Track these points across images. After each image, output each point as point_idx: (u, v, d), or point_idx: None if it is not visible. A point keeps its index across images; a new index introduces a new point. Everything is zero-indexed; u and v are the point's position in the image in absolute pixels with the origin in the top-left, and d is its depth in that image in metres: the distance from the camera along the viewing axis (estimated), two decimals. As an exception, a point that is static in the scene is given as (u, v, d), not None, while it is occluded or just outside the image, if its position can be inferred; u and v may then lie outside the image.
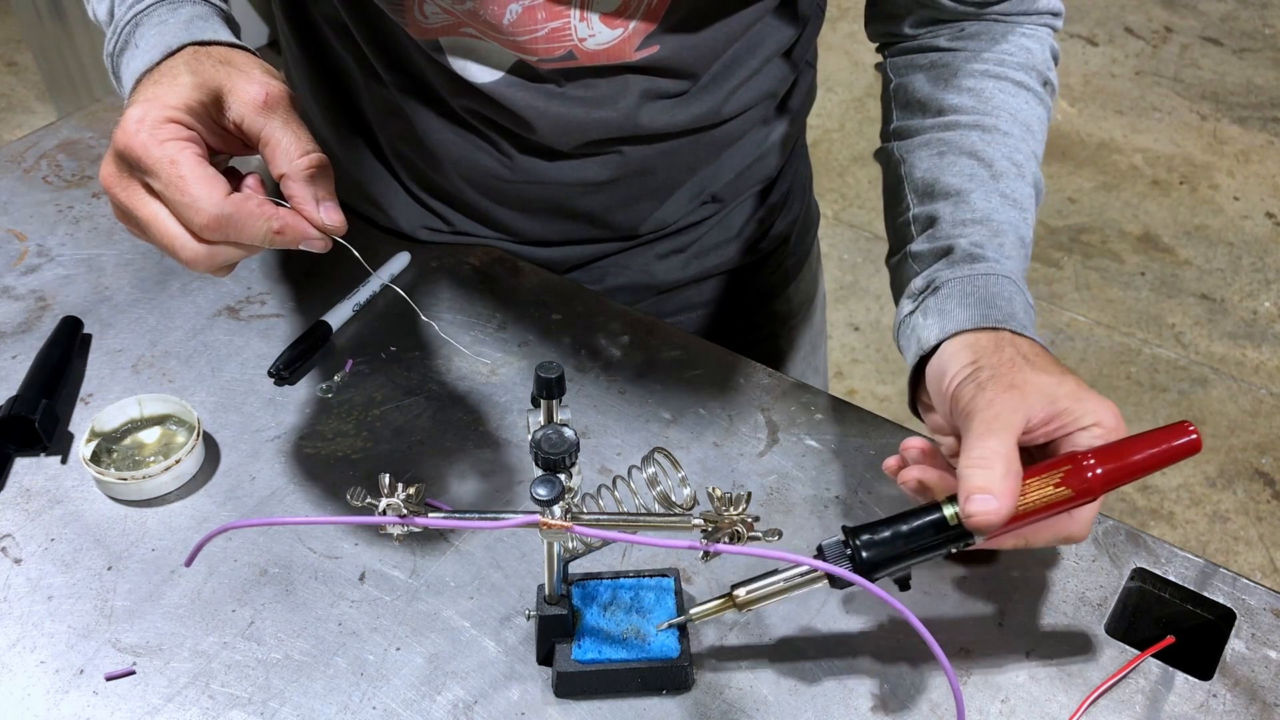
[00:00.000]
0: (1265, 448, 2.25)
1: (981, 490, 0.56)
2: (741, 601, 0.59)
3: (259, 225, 0.58)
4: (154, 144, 0.57)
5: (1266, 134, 3.13)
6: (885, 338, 2.48)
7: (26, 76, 3.19)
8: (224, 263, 0.60)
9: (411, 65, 0.82)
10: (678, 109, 0.82)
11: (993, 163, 0.73)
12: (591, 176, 0.86)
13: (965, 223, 0.71)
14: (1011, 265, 0.69)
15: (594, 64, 0.77)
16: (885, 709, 0.63)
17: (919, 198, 0.75)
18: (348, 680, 0.63)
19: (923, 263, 0.72)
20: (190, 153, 0.58)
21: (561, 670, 0.62)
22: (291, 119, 0.60)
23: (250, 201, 0.58)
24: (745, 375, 0.84)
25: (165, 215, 0.58)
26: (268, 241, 0.59)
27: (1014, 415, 0.59)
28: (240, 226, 0.57)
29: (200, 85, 0.59)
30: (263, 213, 0.58)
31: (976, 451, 0.58)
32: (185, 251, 0.58)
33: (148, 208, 0.58)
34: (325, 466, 0.76)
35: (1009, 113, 0.76)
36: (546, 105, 0.79)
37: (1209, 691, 0.64)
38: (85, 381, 0.82)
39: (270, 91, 0.59)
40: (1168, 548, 0.72)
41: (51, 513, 0.73)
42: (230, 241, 0.58)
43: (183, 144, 0.58)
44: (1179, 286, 2.64)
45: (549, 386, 0.58)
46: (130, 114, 0.58)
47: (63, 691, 0.63)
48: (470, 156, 0.86)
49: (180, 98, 0.59)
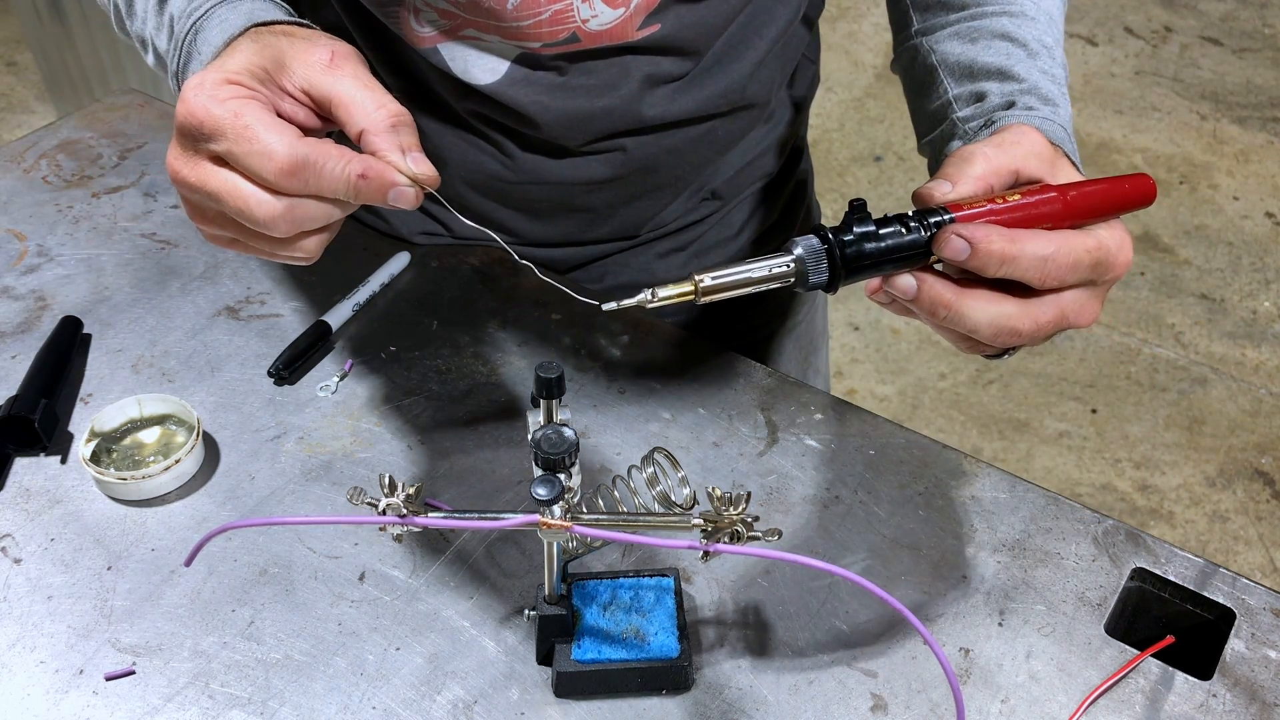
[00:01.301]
0: (1265, 447, 2.25)
1: (943, 178, 0.55)
2: (704, 289, 0.53)
3: (339, 169, 0.53)
4: (215, 103, 0.53)
5: (1266, 134, 3.13)
6: (885, 338, 2.48)
7: (26, 76, 3.19)
8: (307, 222, 0.55)
9: (415, 70, 0.82)
10: (680, 94, 0.82)
11: (1027, 43, 0.72)
12: (595, 174, 0.86)
13: (1016, 92, 0.69)
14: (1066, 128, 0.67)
15: (596, 45, 0.76)
16: (885, 709, 0.63)
17: (957, 80, 0.73)
18: (348, 680, 0.63)
19: (974, 122, 0.70)
20: (256, 104, 0.54)
21: (561, 670, 0.62)
22: (363, 74, 0.56)
23: (328, 145, 0.54)
24: (745, 375, 0.84)
25: (237, 178, 0.53)
26: (352, 191, 0.54)
27: (1015, 149, 0.58)
28: (319, 170, 0.53)
29: (261, 51, 0.56)
30: (343, 155, 0.53)
31: (958, 156, 0.57)
32: (263, 208, 0.53)
33: (218, 177, 0.54)
34: (325, 466, 0.76)
35: (1032, 1, 0.75)
36: (550, 99, 0.79)
37: (1209, 691, 0.64)
38: (85, 381, 0.82)
39: (337, 50, 0.56)
40: (1167, 547, 0.72)
41: (51, 513, 0.73)
42: (311, 193, 0.54)
43: (245, 100, 0.54)
44: (1179, 286, 2.64)
45: (549, 386, 0.58)
46: (188, 84, 0.54)
47: (63, 691, 0.63)
48: (473, 159, 0.86)
49: (240, 64, 0.55)
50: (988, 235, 0.52)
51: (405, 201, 0.55)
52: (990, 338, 0.55)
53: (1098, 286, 0.57)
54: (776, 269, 0.53)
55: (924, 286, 0.54)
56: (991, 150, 0.58)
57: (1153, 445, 2.26)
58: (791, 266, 0.53)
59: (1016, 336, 0.55)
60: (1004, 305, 0.55)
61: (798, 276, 0.53)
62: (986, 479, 0.76)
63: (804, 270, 0.53)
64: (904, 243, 0.53)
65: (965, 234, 0.52)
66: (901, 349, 2.46)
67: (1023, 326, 0.55)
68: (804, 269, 0.53)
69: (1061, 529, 0.73)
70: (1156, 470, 2.21)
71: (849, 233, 0.53)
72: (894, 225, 0.54)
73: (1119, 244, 0.56)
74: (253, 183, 0.53)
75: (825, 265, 0.53)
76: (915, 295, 0.54)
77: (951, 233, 0.53)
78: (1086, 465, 2.21)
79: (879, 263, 0.54)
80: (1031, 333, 0.55)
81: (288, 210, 0.54)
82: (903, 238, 0.53)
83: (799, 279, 0.53)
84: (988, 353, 0.61)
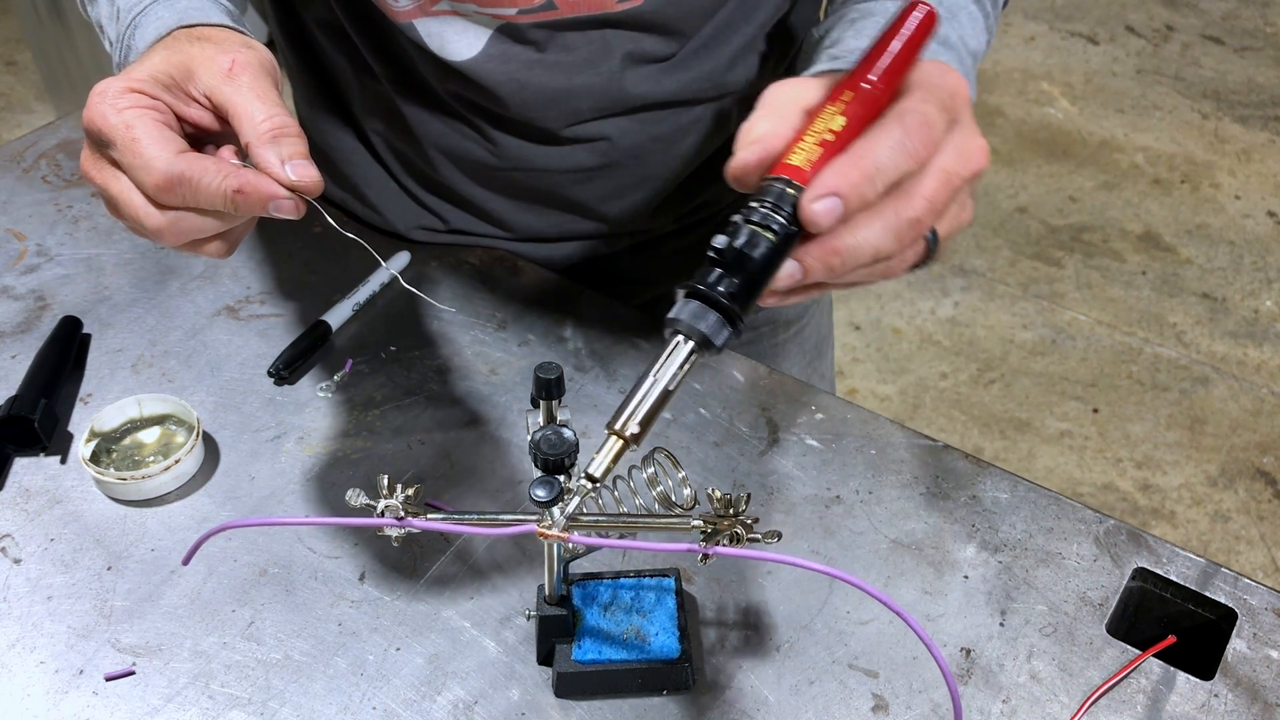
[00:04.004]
0: (1267, 447, 2.25)
1: (747, 138, 0.50)
2: (634, 435, 0.48)
3: (215, 183, 0.53)
4: (112, 112, 0.54)
5: (1268, 133, 3.13)
6: (886, 337, 2.48)
7: (26, 76, 3.19)
8: (193, 232, 0.55)
9: (402, 55, 0.82)
10: (665, 75, 0.81)
11: None
12: (581, 162, 0.85)
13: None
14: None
15: (575, 15, 0.76)
16: (886, 709, 0.63)
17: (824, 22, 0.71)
18: (348, 680, 0.63)
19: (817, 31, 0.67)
20: (149, 117, 0.54)
21: (561, 670, 0.62)
22: (258, 85, 0.56)
23: (205, 160, 0.54)
24: (745, 375, 0.84)
25: (130, 188, 0.55)
26: (229, 204, 0.54)
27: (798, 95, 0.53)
28: (195, 186, 0.53)
29: (169, 59, 0.57)
30: (220, 170, 0.53)
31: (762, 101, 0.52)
32: (149, 220, 0.54)
33: (117, 183, 0.55)
34: (325, 466, 0.76)
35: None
36: (526, 77, 0.78)
37: (1210, 691, 0.64)
38: (85, 381, 0.82)
39: (239, 59, 0.56)
40: (1169, 547, 0.72)
41: (51, 513, 0.73)
42: (190, 207, 0.54)
43: (141, 110, 0.54)
44: (1180, 285, 2.63)
45: (548, 387, 0.58)
46: (95, 89, 0.55)
47: (62, 692, 0.63)
48: (457, 144, 0.86)
49: (146, 70, 0.56)
50: (844, 174, 0.48)
51: (285, 212, 0.55)
52: (897, 246, 0.50)
53: (959, 123, 0.52)
54: (681, 361, 0.48)
55: (806, 259, 0.49)
56: (779, 85, 0.53)
57: (1154, 445, 2.25)
58: (690, 346, 0.48)
59: (919, 225, 0.50)
60: (884, 207, 0.50)
61: (702, 347, 0.48)
62: (988, 479, 0.76)
63: (704, 339, 0.48)
64: (775, 244, 0.48)
65: (825, 192, 0.47)
66: (903, 348, 2.46)
67: (917, 211, 0.50)
68: (702, 338, 0.48)
69: (1063, 529, 0.73)
70: (1158, 470, 2.21)
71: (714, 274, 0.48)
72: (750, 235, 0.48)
73: (936, 75, 0.52)
74: (141, 195, 0.54)
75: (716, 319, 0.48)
76: (805, 272, 0.50)
77: (812, 201, 0.47)
78: (1088, 465, 2.21)
79: (762, 277, 0.48)
80: (930, 210, 0.50)
81: (172, 223, 0.55)
82: (772, 242, 0.48)
83: (705, 347, 0.48)
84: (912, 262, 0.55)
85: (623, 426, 0.47)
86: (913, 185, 0.50)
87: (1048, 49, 3.48)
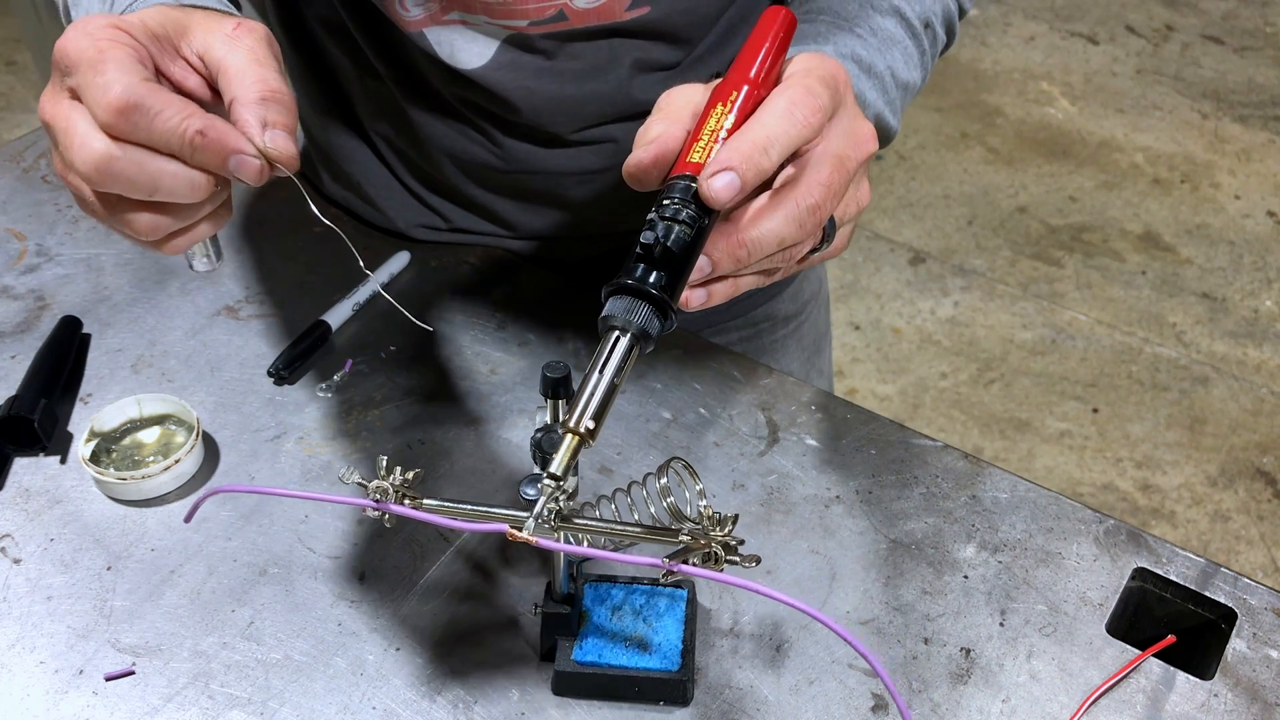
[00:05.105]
0: (1266, 447, 2.25)
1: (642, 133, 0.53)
2: (590, 430, 0.49)
3: (175, 120, 0.48)
4: (86, 38, 0.49)
5: (1268, 132, 3.13)
6: (886, 337, 2.48)
7: (25, 76, 3.19)
8: (123, 181, 0.49)
9: (405, 57, 0.82)
10: (671, 81, 0.81)
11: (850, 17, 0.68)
12: (587, 165, 0.85)
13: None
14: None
15: (585, 25, 0.76)
16: (886, 709, 0.63)
17: None
18: (348, 680, 0.63)
19: None
20: (127, 49, 0.49)
21: (560, 669, 0.62)
22: (259, 50, 0.52)
23: (172, 96, 0.49)
24: (745, 375, 0.84)
25: (77, 115, 0.49)
26: (187, 147, 0.49)
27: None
28: (153, 116, 0.48)
29: (165, 13, 0.53)
30: (185, 108, 0.48)
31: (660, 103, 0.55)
32: (84, 150, 0.48)
33: (63, 110, 0.50)
34: (325, 466, 0.76)
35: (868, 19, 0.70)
36: (536, 84, 0.79)
37: (1210, 691, 0.64)
38: (84, 381, 0.82)
39: (244, 24, 0.52)
40: (1169, 547, 0.72)
41: (51, 513, 0.73)
42: (142, 140, 0.49)
43: (119, 44, 0.49)
44: (1180, 285, 2.64)
45: (555, 386, 0.58)
46: (75, 22, 0.51)
47: (62, 692, 0.63)
48: (463, 147, 0.86)
49: (138, 17, 0.52)
50: (736, 149, 0.49)
51: (246, 172, 0.50)
52: (800, 233, 0.52)
53: (845, 105, 0.54)
54: (621, 354, 0.50)
55: (714, 254, 0.51)
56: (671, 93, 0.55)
57: (1154, 445, 2.25)
58: (629, 339, 0.50)
59: (819, 211, 0.52)
60: (782, 198, 0.52)
61: (641, 341, 0.50)
62: (987, 479, 0.76)
63: (641, 331, 0.50)
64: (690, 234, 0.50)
65: (719, 168, 0.49)
66: (902, 348, 2.46)
67: (816, 198, 0.52)
68: (640, 330, 0.50)
69: (1063, 529, 0.73)
70: (1158, 470, 2.21)
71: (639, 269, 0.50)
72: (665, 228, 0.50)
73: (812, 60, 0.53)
74: (89, 123, 0.49)
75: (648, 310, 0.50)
76: (714, 265, 0.51)
77: (708, 177, 0.49)
78: (1088, 465, 2.21)
79: (683, 267, 0.51)
80: (828, 196, 0.52)
81: (111, 159, 0.48)
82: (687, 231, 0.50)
83: (644, 341, 0.50)
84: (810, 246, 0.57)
85: (577, 423, 0.49)
86: (809, 174, 0.53)
87: (1048, 49, 3.48)
